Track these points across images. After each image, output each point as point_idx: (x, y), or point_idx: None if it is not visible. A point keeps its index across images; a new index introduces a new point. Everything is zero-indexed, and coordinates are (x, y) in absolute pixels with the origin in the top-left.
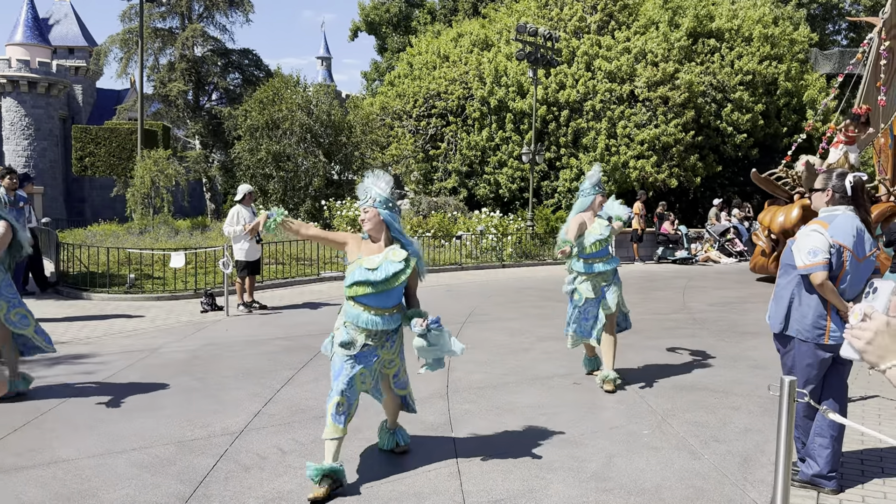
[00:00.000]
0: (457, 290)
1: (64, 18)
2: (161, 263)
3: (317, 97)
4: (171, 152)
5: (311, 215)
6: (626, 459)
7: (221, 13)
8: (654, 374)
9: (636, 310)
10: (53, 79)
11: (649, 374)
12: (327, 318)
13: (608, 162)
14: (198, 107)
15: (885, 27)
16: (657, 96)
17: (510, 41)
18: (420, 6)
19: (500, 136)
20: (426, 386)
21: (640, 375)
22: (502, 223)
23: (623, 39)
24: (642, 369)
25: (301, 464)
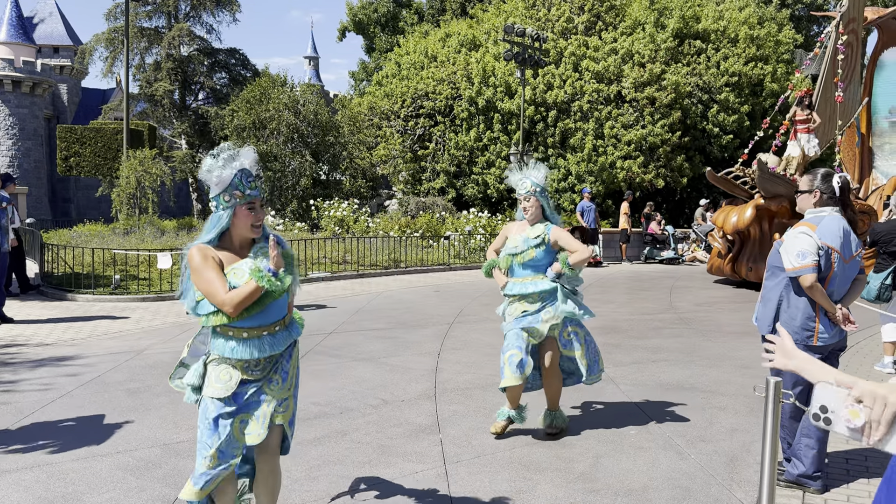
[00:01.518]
0: (445, 291)
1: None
2: (147, 264)
3: (304, 97)
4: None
5: (298, 215)
6: (614, 460)
7: (208, 12)
8: (641, 374)
9: (624, 310)
10: (38, 78)
11: (636, 375)
12: (316, 320)
13: (595, 162)
14: (184, 106)
15: (843, 21)
16: (644, 97)
17: (498, 41)
18: (408, 6)
19: (488, 137)
20: (413, 387)
21: (626, 375)
22: (490, 223)
23: (610, 40)
24: (629, 369)
25: (286, 466)
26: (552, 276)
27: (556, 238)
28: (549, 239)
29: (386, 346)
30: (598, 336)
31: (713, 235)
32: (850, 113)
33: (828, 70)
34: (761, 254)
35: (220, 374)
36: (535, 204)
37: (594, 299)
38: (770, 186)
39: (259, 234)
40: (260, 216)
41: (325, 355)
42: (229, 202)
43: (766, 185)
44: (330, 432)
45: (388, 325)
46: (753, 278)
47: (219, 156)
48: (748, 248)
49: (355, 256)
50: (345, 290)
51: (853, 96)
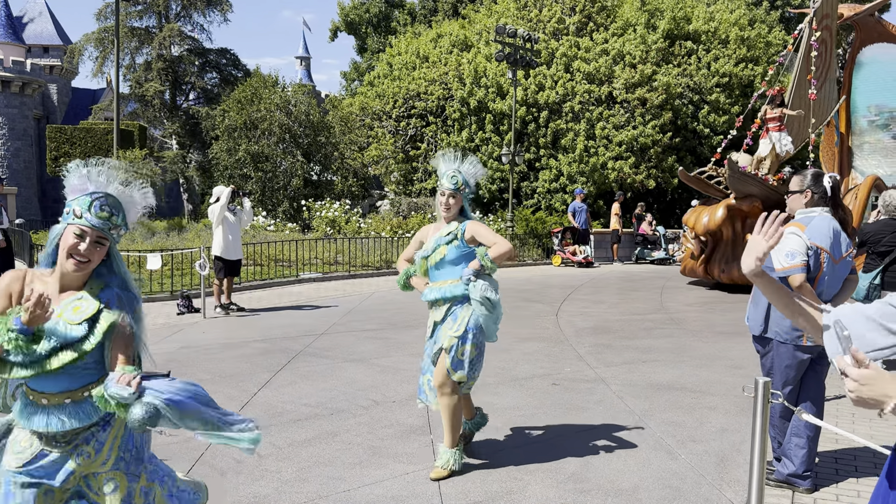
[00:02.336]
0: None
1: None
2: (137, 265)
3: (296, 97)
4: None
5: (289, 216)
6: (604, 460)
7: (199, 12)
8: (631, 375)
9: (615, 310)
10: (27, 78)
11: (627, 375)
12: (306, 321)
13: (587, 163)
14: (175, 107)
15: (816, 17)
16: (635, 98)
17: (490, 42)
18: (400, 7)
19: (479, 137)
20: (404, 388)
21: (617, 376)
22: None
23: (601, 41)
24: (620, 369)
25: (277, 468)
26: (469, 274)
27: (472, 233)
28: (462, 234)
29: (377, 346)
30: (590, 336)
31: (685, 236)
32: (826, 111)
33: (801, 67)
34: (734, 255)
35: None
36: (458, 202)
37: (585, 300)
38: (741, 186)
39: (79, 270)
40: (86, 252)
41: (316, 356)
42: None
43: (737, 185)
44: (321, 433)
45: (379, 325)
46: (726, 280)
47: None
48: (721, 250)
49: (347, 257)
50: (336, 290)
51: (828, 94)
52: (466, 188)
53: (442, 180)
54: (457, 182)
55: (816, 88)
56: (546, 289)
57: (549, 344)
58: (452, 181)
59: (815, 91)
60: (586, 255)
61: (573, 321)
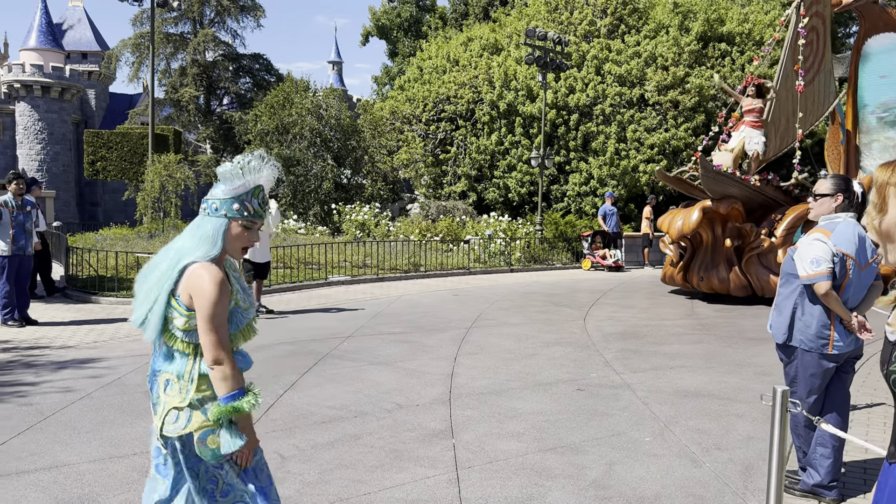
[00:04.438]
0: (464, 295)
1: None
2: None
3: (327, 101)
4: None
5: (320, 219)
6: (627, 467)
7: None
8: (658, 381)
9: (644, 315)
10: (66, 83)
11: (654, 381)
12: (334, 323)
13: (618, 166)
14: (209, 111)
15: (805, 3)
16: (667, 100)
17: (520, 45)
18: (431, 11)
19: (509, 140)
20: (428, 392)
21: (644, 382)
22: (511, 227)
23: (633, 43)
24: (647, 375)
25: (300, 470)
26: None
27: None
28: None
29: (402, 350)
30: (617, 342)
31: (664, 241)
32: (821, 106)
33: (787, 57)
34: (713, 262)
35: None
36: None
37: (614, 304)
38: (717, 187)
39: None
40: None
41: (341, 359)
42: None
43: (713, 186)
44: (344, 436)
45: (405, 329)
46: (705, 288)
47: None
48: (700, 256)
49: (375, 260)
50: (364, 293)
51: (824, 88)
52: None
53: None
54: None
55: (805, 80)
56: (575, 293)
57: (576, 349)
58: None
59: (803, 83)
60: (616, 259)
61: (601, 326)
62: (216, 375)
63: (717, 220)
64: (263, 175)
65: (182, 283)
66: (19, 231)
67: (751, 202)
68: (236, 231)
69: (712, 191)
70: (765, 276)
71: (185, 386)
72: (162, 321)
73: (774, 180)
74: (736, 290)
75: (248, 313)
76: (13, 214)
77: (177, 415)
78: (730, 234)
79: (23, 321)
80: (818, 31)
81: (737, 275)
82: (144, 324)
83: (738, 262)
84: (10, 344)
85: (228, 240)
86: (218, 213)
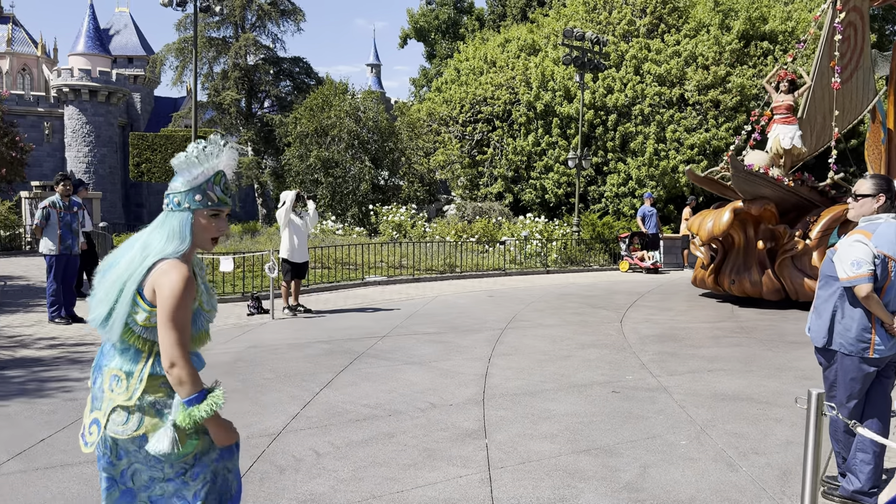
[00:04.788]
0: (499, 296)
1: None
2: (211, 267)
3: (365, 104)
4: None
5: (357, 220)
6: (662, 470)
7: (273, 22)
8: (695, 384)
9: (682, 318)
10: (113, 87)
11: (691, 384)
12: (370, 323)
13: (657, 167)
14: (250, 114)
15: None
16: (708, 100)
17: (557, 46)
18: (468, 13)
19: (546, 141)
20: (462, 391)
21: (681, 385)
22: (547, 228)
23: (673, 43)
24: (684, 378)
25: (334, 467)
26: None
27: None
28: None
29: (437, 350)
30: (654, 344)
31: (694, 243)
32: (860, 105)
33: (823, 53)
34: (745, 264)
35: None
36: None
37: (652, 307)
38: (749, 187)
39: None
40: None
41: (376, 358)
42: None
43: (744, 186)
44: (377, 434)
45: (440, 329)
46: (737, 292)
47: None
48: (731, 258)
49: (411, 261)
50: (400, 294)
51: (863, 85)
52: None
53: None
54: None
55: (842, 77)
56: (611, 295)
57: (612, 351)
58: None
59: (839, 80)
60: (655, 260)
61: (638, 328)
62: (173, 378)
63: (750, 221)
64: (223, 160)
65: (148, 279)
66: (66, 231)
67: (784, 203)
68: (203, 222)
69: (744, 191)
70: (799, 279)
71: (133, 385)
72: (126, 319)
73: (809, 180)
74: (769, 293)
75: (210, 316)
76: (61, 215)
77: (126, 416)
78: (762, 236)
79: (69, 318)
80: (856, 27)
81: (770, 278)
82: (106, 323)
83: (770, 265)
84: (57, 340)
85: (196, 233)
86: (181, 208)
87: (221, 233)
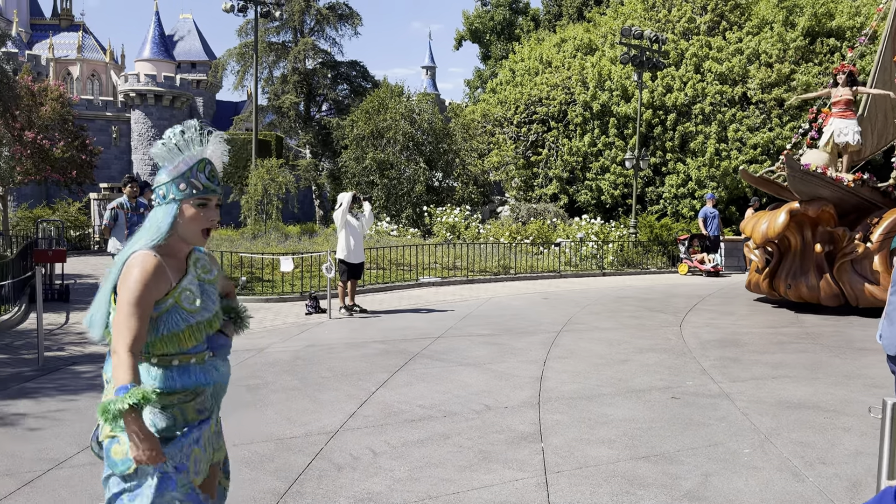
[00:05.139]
0: (554, 298)
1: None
2: (271, 267)
3: (420, 106)
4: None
5: (412, 221)
6: (724, 479)
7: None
8: (759, 391)
9: (745, 322)
10: (177, 92)
11: (754, 391)
12: (425, 324)
13: (718, 167)
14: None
15: None
16: (771, 98)
17: (615, 45)
18: (524, 13)
19: (602, 142)
20: (517, 394)
21: (744, 391)
22: (603, 230)
23: (735, 40)
24: (747, 385)
25: (391, 466)
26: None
27: None
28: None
29: (491, 351)
30: (716, 349)
31: (748, 246)
32: None
33: (886, 48)
34: (802, 268)
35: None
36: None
37: (712, 311)
38: (806, 187)
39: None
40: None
41: (431, 359)
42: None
43: (800, 186)
44: (433, 435)
45: (494, 331)
46: (793, 297)
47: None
48: (787, 262)
49: (465, 262)
50: (454, 295)
51: None
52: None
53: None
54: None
55: None
56: (670, 298)
57: (671, 356)
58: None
59: None
60: (715, 263)
61: (698, 333)
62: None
63: (807, 223)
64: (208, 149)
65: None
66: (133, 231)
67: (844, 204)
68: (190, 213)
69: (800, 192)
70: (859, 284)
71: (107, 389)
72: (106, 318)
73: (871, 181)
74: (826, 298)
75: (192, 318)
76: (128, 216)
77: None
78: (820, 239)
79: None
80: None
81: (828, 283)
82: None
83: (829, 269)
84: None
85: (183, 224)
86: (166, 200)
87: (212, 224)
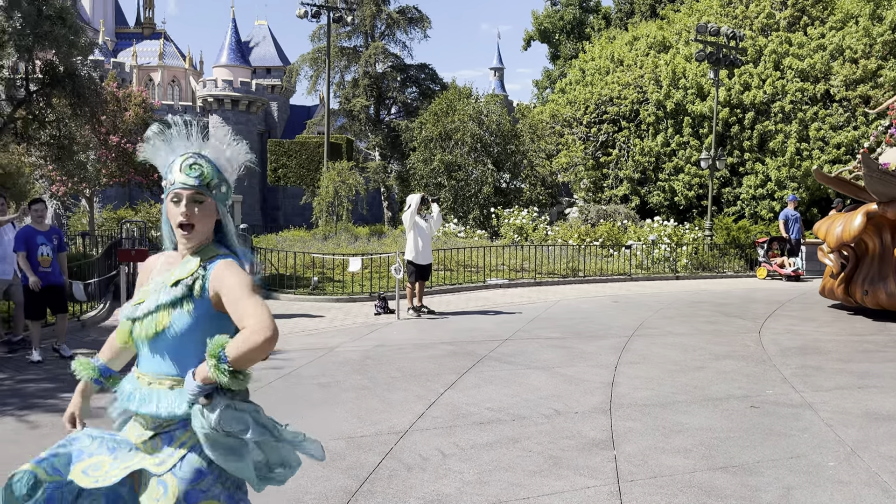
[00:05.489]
0: (624, 301)
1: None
2: (341, 267)
3: (487, 108)
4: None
5: (479, 223)
6: (807, 492)
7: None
8: (844, 401)
9: (828, 329)
10: (253, 97)
11: (839, 401)
12: (492, 326)
13: (799, 167)
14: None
15: None
16: (856, 96)
17: (689, 42)
18: (595, 12)
19: (676, 141)
20: (587, 399)
21: (828, 402)
22: (677, 232)
23: (817, 36)
24: (831, 395)
25: (460, 468)
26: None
27: (217, 286)
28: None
29: (560, 355)
30: (797, 357)
31: (822, 250)
32: None
33: None
34: (880, 273)
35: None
36: (208, 212)
37: (793, 317)
38: (884, 188)
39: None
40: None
41: (499, 361)
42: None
43: (879, 187)
44: (502, 438)
45: (563, 334)
46: (870, 304)
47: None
48: (864, 267)
49: (533, 264)
50: (521, 297)
51: None
52: (214, 179)
53: (171, 176)
54: (202, 175)
55: None
56: (748, 303)
57: (749, 363)
58: (195, 173)
59: None
60: (796, 267)
61: (778, 339)
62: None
63: (886, 225)
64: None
65: None
66: None
67: None
68: (168, 208)
69: (878, 193)
70: None
71: None
72: None
73: None
74: None
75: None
76: None
77: None
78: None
79: None
80: None
81: None
82: None
83: None
84: None
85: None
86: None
87: (188, 219)
